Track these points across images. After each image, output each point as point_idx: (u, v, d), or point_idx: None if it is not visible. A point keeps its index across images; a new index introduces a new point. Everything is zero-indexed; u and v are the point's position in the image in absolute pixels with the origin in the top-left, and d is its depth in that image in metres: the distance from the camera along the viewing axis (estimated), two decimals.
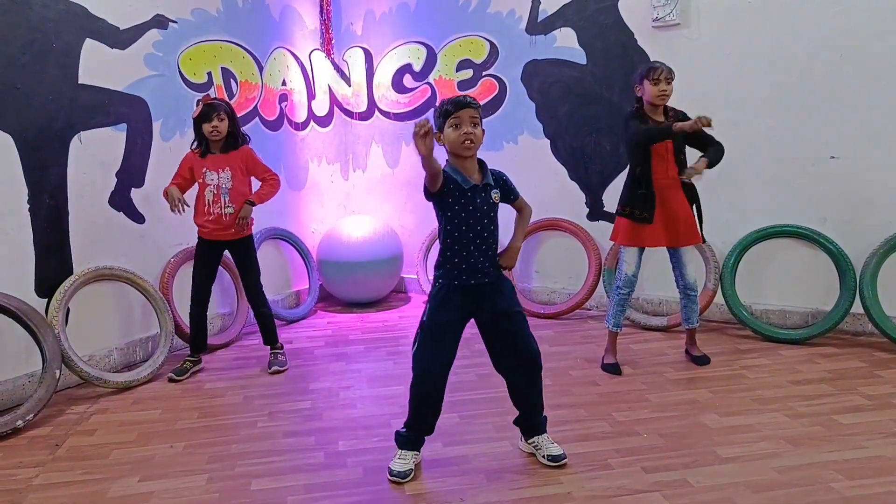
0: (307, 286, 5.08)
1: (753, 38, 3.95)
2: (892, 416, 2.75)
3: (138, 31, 3.73)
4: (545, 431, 2.50)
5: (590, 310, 4.65)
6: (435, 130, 2.24)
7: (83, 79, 3.45)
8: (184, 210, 3.37)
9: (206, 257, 3.55)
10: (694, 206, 3.36)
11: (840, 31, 3.75)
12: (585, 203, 4.63)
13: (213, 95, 3.63)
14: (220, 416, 3.02)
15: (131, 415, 3.06)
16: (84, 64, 3.45)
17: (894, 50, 3.64)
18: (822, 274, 3.90)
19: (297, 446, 2.67)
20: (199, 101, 3.46)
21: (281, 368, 3.59)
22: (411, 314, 4.78)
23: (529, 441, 2.51)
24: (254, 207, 3.51)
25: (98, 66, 3.52)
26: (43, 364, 3.08)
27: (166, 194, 3.39)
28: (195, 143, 3.50)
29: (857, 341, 3.76)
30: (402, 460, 2.38)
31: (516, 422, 2.54)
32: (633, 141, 3.24)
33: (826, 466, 2.35)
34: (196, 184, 3.48)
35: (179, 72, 4.00)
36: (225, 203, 3.44)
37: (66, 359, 3.18)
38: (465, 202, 2.29)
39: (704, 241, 3.48)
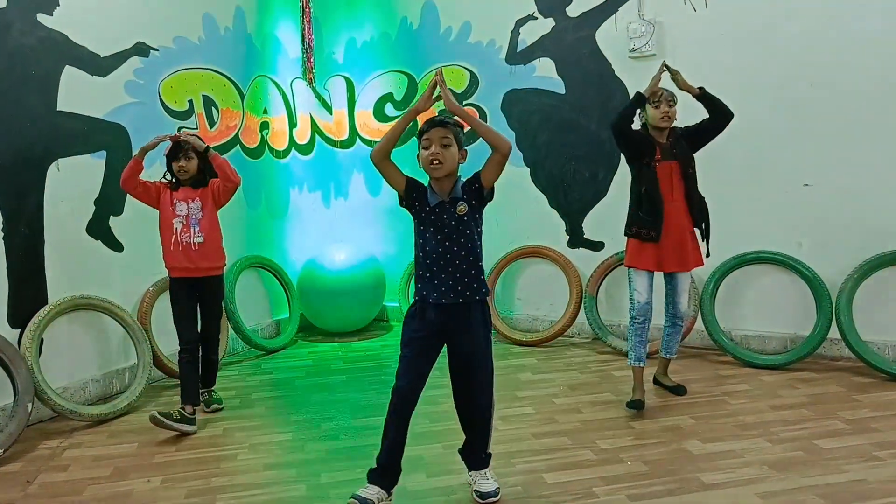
0: (288, 315, 5.03)
1: (726, 70, 4.04)
2: (870, 440, 2.78)
3: (119, 58, 3.73)
4: (486, 467, 2.45)
5: (572, 337, 4.65)
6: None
7: (62, 106, 3.43)
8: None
9: (181, 296, 3.33)
10: (703, 225, 3.30)
11: (808, 63, 3.87)
12: (565, 230, 4.67)
13: (183, 134, 3.39)
14: (199, 448, 2.96)
15: (106, 449, 2.99)
16: (63, 91, 3.43)
17: (860, 80, 3.76)
18: (799, 299, 3.96)
19: (278, 479, 2.62)
20: (171, 137, 3.33)
21: (220, 406, 3.48)
22: (394, 343, 4.74)
23: (469, 472, 2.47)
24: (204, 146, 3.29)
25: (78, 94, 3.50)
26: (14, 397, 3.00)
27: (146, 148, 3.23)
28: (167, 177, 3.36)
29: (835, 366, 3.81)
30: (367, 490, 2.30)
31: (460, 451, 2.51)
32: (614, 130, 3.18)
33: (808, 491, 2.36)
34: (159, 212, 3.32)
35: (160, 99, 3.99)
36: (195, 233, 3.29)
37: (38, 391, 3.10)
38: (433, 218, 2.29)
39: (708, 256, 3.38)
